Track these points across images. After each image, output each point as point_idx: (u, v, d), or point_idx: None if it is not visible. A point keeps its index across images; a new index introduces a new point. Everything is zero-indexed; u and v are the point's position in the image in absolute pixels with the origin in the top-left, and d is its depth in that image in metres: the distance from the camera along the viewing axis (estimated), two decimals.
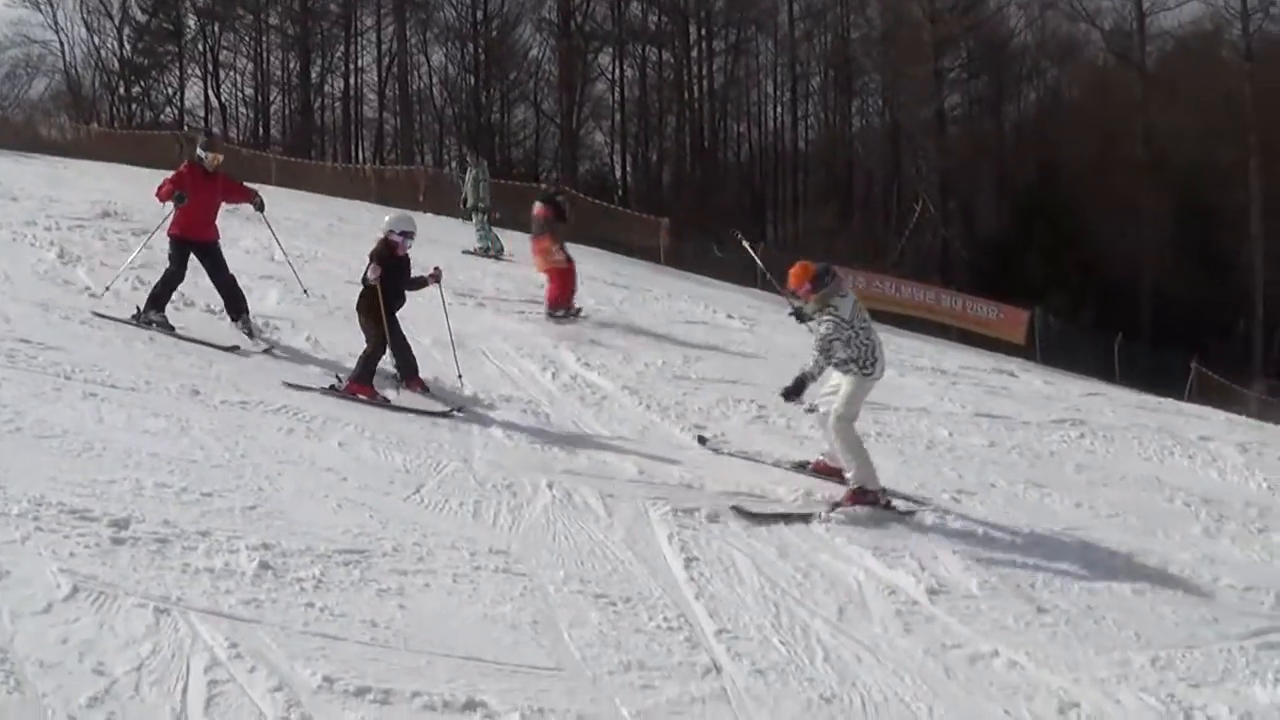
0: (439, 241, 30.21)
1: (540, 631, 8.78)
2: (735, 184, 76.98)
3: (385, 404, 14.99)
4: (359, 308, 15.70)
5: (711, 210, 63.59)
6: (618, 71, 76.71)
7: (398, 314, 15.78)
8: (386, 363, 15.57)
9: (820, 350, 12.71)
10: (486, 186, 30.89)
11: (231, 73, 75.64)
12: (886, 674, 9.07)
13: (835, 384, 13.04)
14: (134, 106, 72.70)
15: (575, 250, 22.99)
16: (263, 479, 11.05)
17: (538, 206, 22.67)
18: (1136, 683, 9.58)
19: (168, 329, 16.51)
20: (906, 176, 71.59)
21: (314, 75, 74.50)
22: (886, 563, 11.44)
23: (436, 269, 16.16)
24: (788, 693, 8.48)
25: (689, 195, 67.85)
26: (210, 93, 74.54)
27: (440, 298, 16.70)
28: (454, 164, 63.96)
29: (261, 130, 73.69)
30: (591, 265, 30.78)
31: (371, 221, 30.76)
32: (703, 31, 75.05)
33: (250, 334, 17.19)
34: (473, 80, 74.60)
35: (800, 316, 13.59)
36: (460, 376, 16.29)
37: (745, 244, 18.65)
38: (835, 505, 12.80)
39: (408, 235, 15.76)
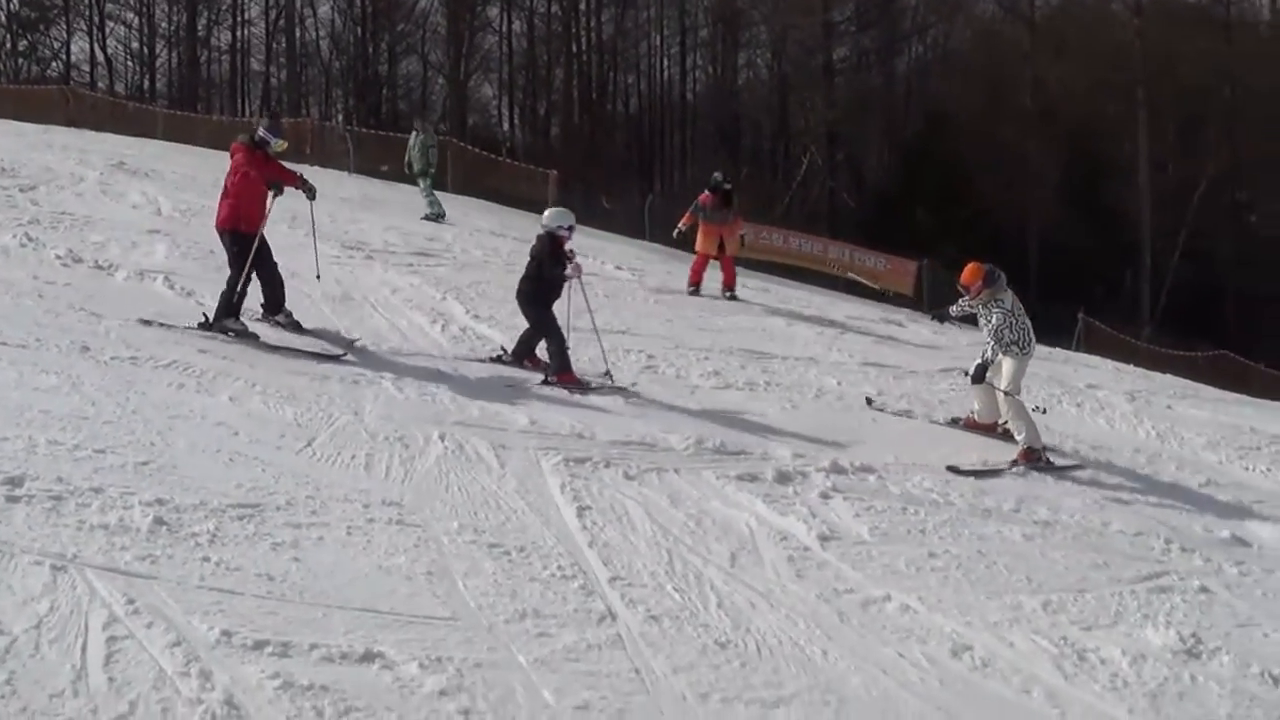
0: (322, 195, 30.05)
1: (435, 582, 8.81)
2: (623, 136, 77.02)
3: (585, 389, 15.43)
4: (522, 297, 16.34)
5: (600, 162, 63.61)
6: (506, 24, 76.43)
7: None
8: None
9: (994, 339, 14.97)
10: (435, 152, 30.77)
11: (118, 26, 74.70)
12: (780, 619, 9.18)
13: (986, 359, 15.06)
14: (20, 61, 71.65)
15: (463, 203, 23.01)
16: (155, 434, 10.97)
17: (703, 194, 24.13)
18: (1029, 626, 9.76)
19: (250, 336, 15.47)
20: (794, 129, 71.74)
21: (201, 28, 73.63)
22: (778, 510, 11.60)
23: (577, 264, 16.37)
24: (683, 638, 8.56)
25: (577, 148, 67.70)
26: (96, 46, 73.55)
27: (582, 291, 16.75)
28: (344, 122, 63.38)
29: (148, 84, 72.78)
30: (479, 218, 30.83)
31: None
32: None
33: (295, 326, 16.28)
34: (360, 32, 74.09)
35: (942, 318, 16.54)
36: (609, 373, 16.26)
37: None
38: (1013, 463, 14.52)
39: (572, 229, 16.58)
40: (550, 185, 41.57)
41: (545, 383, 15.48)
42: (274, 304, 16.24)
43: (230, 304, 15.47)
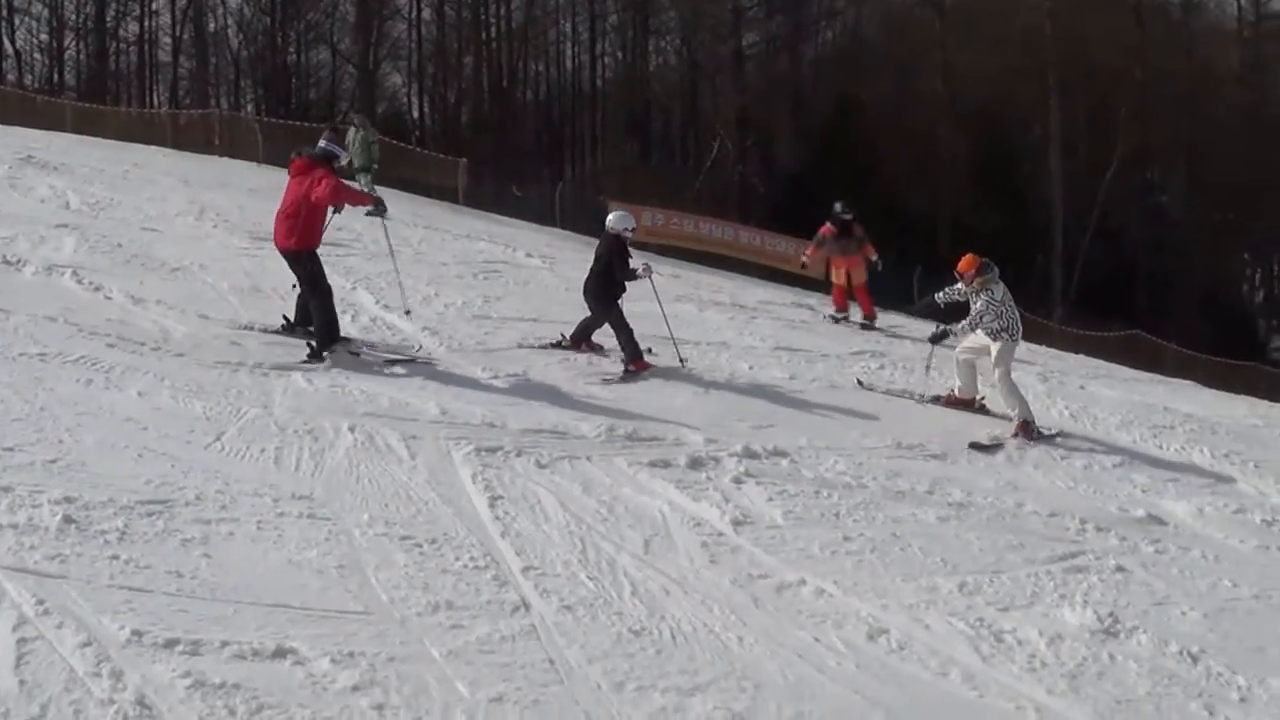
0: (231, 185, 29.92)
1: (347, 575, 8.77)
2: (533, 124, 76.86)
3: (631, 376, 16.27)
4: (589, 292, 17.16)
5: (510, 150, 63.51)
6: (415, 11, 76.10)
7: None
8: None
9: (972, 320, 16.35)
10: (377, 148, 30.61)
11: (26, 19, 73.76)
12: (695, 605, 9.19)
13: (973, 344, 16.64)
14: None
15: (383, 194, 22.84)
16: (63, 431, 10.90)
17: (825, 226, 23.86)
18: (945, 608, 9.80)
19: (354, 353, 15.37)
20: (704, 114, 71.78)
21: (109, 19, 72.81)
22: (691, 495, 11.61)
23: (646, 265, 17.71)
24: (597, 627, 8.55)
25: (487, 135, 67.48)
26: (4, 39, 72.64)
27: (653, 288, 17.74)
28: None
29: (57, 76, 72.03)
30: (390, 206, 30.63)
31: (167, 168, 30.47)
32: None
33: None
34: (269, 21, 73.57)
35: (937, 339, 17.21)
36: (683, 361, 17.13)
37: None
38: (1013, 436, 15.70)
39: (634, 230, 17.97)
40: (460, 173, 41.50)
41: (626, 373, 16.32)
42: (309, 318, 15.73)
43: (331, 328, 15.24)
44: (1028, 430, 15.83)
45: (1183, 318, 54.65)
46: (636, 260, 17.56)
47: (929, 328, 17.79)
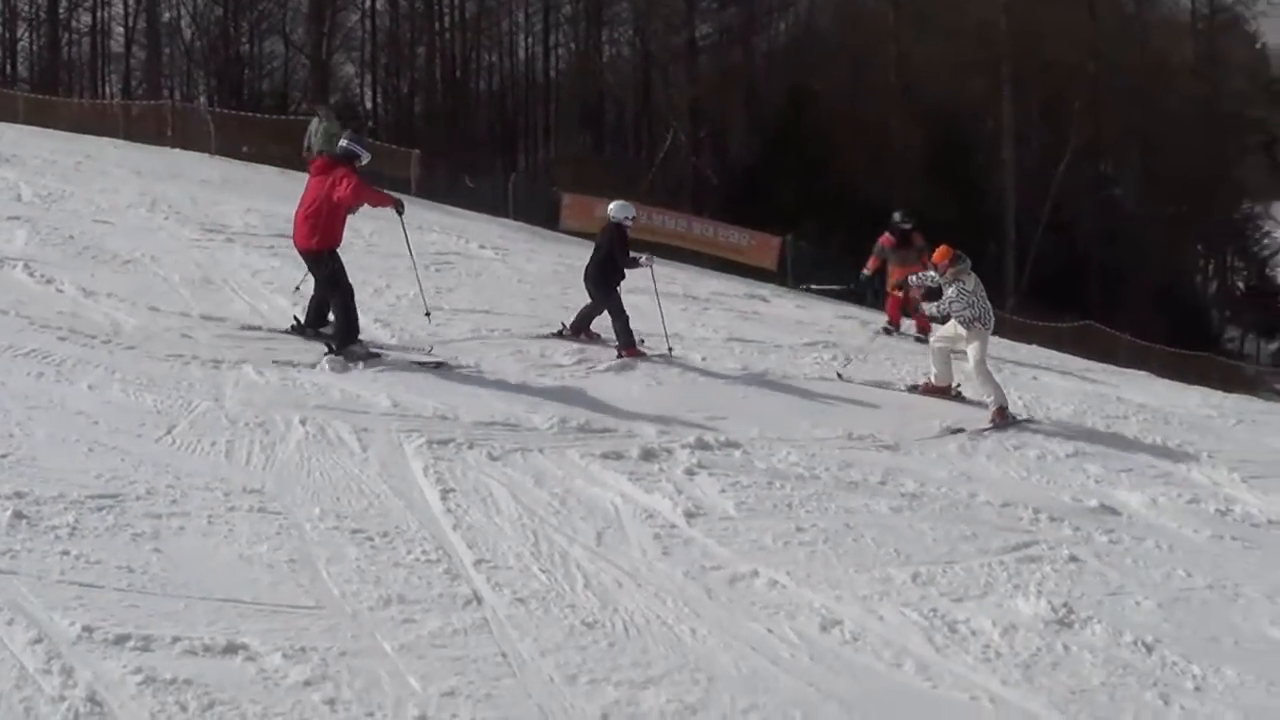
0: (183, 176, 29.83)
1: (298, 570, 8.73)
2: (486, 114, 76.74)
3: (643, 356, 17.25)
4: (590, 279, 17.90)
5: (463, 140, 63.41)
6: (368, 2, 75.89)
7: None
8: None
9: (940, 306, 17.28)
10: (339, 138, 30.49)
11: None
12: (648, 597, 9.17)
13: (948, 333, 17.53)
14: None
15: None
16: (13, 425, 10.82)
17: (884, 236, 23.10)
18: (898, 598, 9.79)
19: (374, 354, 15.37)
20: (657, 105, 71.74)
21: (62, 10, 72.31)
22: (643, 487, 11.60)
23: (649, 255, 18.68)
24: (550, 620, 8.52)
25: (440, 126, 67.40)
26: None
27: (652, 278, 18.64)
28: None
29: (9, 68, 71.59)
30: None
31: (119, 159, 30.32)
32: None
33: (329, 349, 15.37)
34: (222, 12, 73.22)
35: (899, 287, 19.33)
36: (671, 350, 17.67)
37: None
38: (991, 422, 16.24)
39: (634, 220, 18.93)
40: (413, 164, 41.39)
41: (618, 358, 16.96)
42: (320, 319, 15.81)
43: (350, 327, 15.22)
44: (1003, 416, 16.39)
45: (1136, 309, 54.94)
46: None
47: (880, 317, 18.00)
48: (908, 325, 23.35)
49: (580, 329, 17.85)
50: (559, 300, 20.43)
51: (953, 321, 17.29)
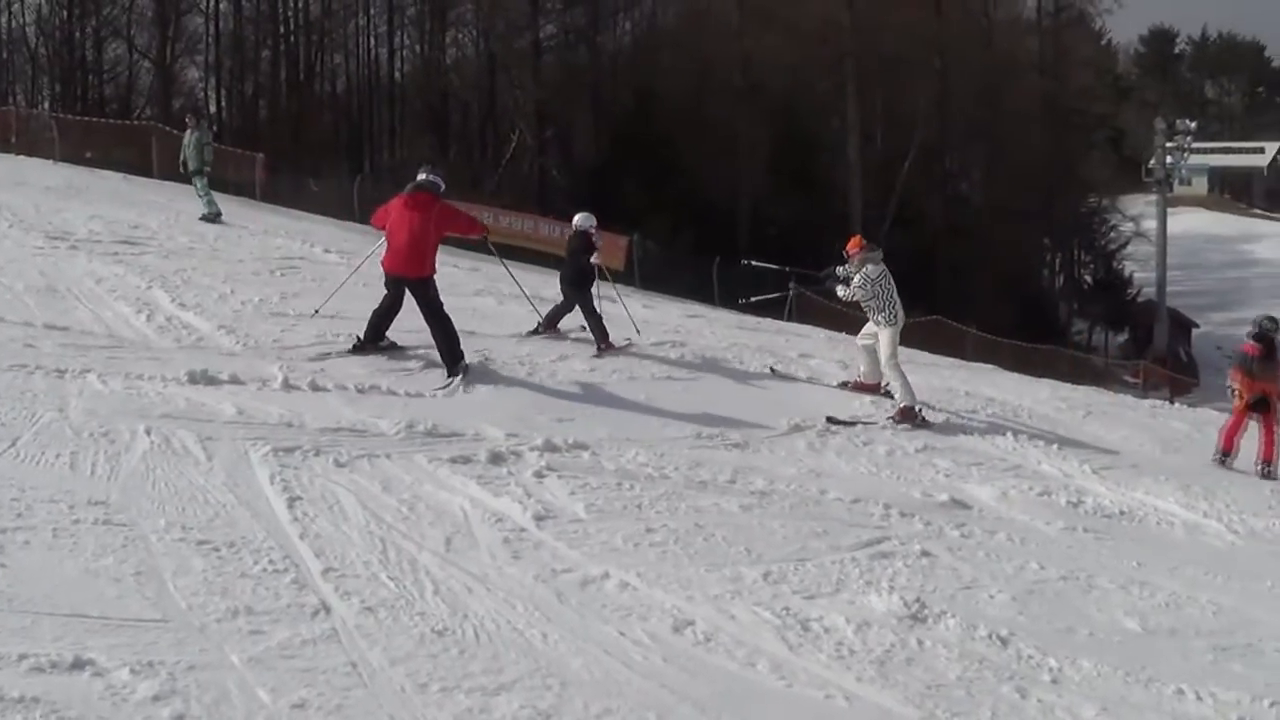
0: (27, 183, 29.42)
1: (144, 583, 8.55)
2: (331, 117, 76.48)
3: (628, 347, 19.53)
4: (565, 280, 20.35)
5: (308, 143, 63.10)
6: (212, 4, 75.27)
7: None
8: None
9: (847, 289, 18.26)
10: (210, 149, 30.22)
11: None
12: (498, 603, 9.09)
13: (871, 332, 18.22)
14: None
15: (170, 188, 22.66)
16: None
17: (1247, 343, 19.08)
18: (750, 597, 9.78)
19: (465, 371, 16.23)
20: (503, 107, 71.86)
21: None
22: (492, 491, 11.54)
23: (599, 252, 20.92)
24: (399, 628, 8.43)
25: (285, 129, 67.04)
26: None
27: (600, 271, 20.56)
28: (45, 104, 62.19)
29: None
30: (185, 203, 30.30)
31: None
32: None
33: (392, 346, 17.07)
34: (66, 16, 72.31)
35: (825, 279, 19.35)
36: (638, 332, 19.05)
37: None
38: (890, 419, 17.02)
39: (597, 228, 20.89)
40: (257, 168, 41.17)
41: (598, 353, 18.79)
42: (378, 335, 16.84)
43: (456, 347, 16.15)
44: (909, 415, 17.05)
45: (984, 303, 55.74)
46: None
47: (727, 315, 18.18)
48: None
49: (552, 325, 19.95)
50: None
51: (870, 318, 18.13)
